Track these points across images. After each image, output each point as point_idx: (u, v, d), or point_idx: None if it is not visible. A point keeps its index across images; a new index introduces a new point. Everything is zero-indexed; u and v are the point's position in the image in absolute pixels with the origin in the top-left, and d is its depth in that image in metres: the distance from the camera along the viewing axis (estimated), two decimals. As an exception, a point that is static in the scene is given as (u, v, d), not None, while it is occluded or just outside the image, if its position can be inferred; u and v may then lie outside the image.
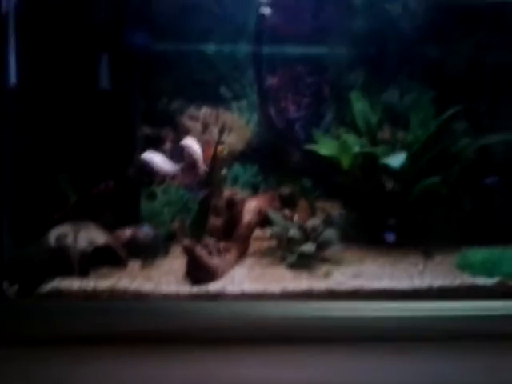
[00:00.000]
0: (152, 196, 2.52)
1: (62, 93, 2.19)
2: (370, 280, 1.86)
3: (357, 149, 2.19)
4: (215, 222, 2.23)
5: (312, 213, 2.47)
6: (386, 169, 2.21)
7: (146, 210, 2.45)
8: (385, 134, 2.49)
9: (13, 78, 1.87)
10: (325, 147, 2.34)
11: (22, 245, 1.92)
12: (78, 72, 2.21)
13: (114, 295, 1.74)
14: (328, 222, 2.27)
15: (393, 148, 2.32)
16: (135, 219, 2.35)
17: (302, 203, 2.48)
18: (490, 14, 2.41)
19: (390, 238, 2.18)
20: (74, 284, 1.77)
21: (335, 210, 2.52)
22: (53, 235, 1.92)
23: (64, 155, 2.21)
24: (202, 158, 2.14)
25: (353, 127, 2.43)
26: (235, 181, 2.59)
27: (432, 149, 2.30)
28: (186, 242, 1.86)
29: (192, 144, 2.19)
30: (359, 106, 2.44)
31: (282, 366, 1.59)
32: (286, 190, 2.51)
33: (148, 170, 2.13)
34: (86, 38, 2.21)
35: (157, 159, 2.09)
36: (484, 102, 2.51)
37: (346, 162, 2.27)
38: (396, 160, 2.08)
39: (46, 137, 2.16)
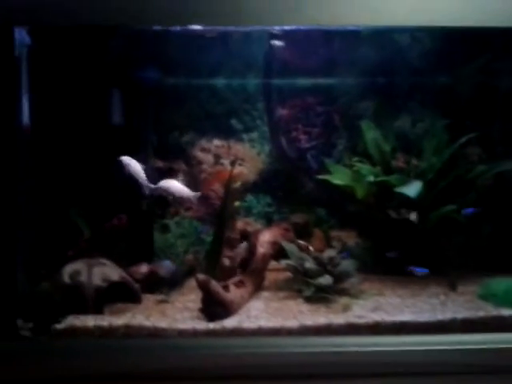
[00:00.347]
0: (165, 228, 2.51)
1: (75, 129, 2.20)
2: (391, 313, 1.81)
3: (371, 178, 2.17)
4: (229, 254, 2.20)
5: (327, 243, 2.44)
6: (401, 197, 2.19)
7: (159, 242, 2.44)
8: (398, 161, 2.47)
9: (26, 119, 1.89)
10: (338, 177, 2.32)
11: (36, 282, 1.90)
12: (90, 108, 2.23)
13: (129, 332, 1.71)
14: (345, 253, 2.23)
15: (407, 176, 2.30)
16: (149, 253, 2.33)
17: (317, 233, 2.45)
18: (500, 40, 2.41)
19: (418, 271, 2.11)
20: (89, 321, 1.74)
21: (350, 239, 2.49)
22: (66, 272, 1.90)
23: (77, 191, 2.21)
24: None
25: (365, 156, 2.42)
26: (248, 212, 2.57)
27: (447, 176, 2.27)
28: (201, 276, 1.83)
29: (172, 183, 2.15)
30: (371, 134, 2.43)
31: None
32: (299, 219, 2.49)
33: (168, 196, 2.11)
34: (98, 74, 2.24)
35: (177, 185, 2.07)
36: (497, 127, 2.49)
37: (360, 191, 2.25)
38: (412, 189, 2.06)
39: (59, 174, 2.17)
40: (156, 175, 2.49)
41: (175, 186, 2.07)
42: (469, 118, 2.47)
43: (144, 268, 2.11)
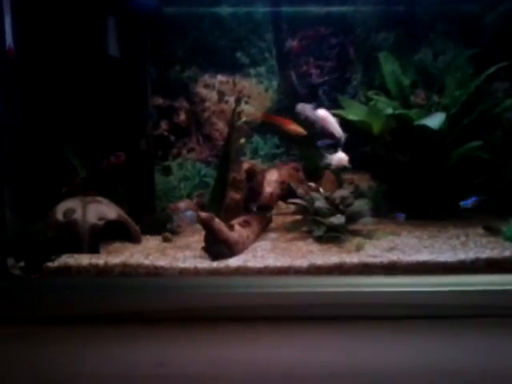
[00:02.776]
0: (167, 171, 2.38)
1: (67, 59, 2.03)
2: (408, 253, 1.67)
3: (389, 111, 1.99)
4: (234, 196, 2.06)
5: (338, 185, 2.29)
6: (422, 133, 2.01)
7: (161, 185, 2.31)
8: (418, 97, 2.28)
9: (10, 42, 1.71)
10: (353, 112, 2.14)
11: (29, 221, 1.78)
12: (84, 37, 2.06)
13: (126, 271, 1.59)
14: (357, 193, 2.08)
15: (428, 111, 2.11)
16: (150, 193, 2.20)
17: (328, 175, 2.29)
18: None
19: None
20: (84, 260, 1.63)
21: (364, 182, 2.33)
22: (60, 210, 1.78)
23: (71, 126, 2.06)
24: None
25: (383, 91, 2.23)
26: (255, 153, 2.42)
27: (471, 111, 2.09)
28: (203, 214, 1.69)
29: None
30: (389, 67, 2.24)
31: (313, 345, 1.42)
32: (309, 161, 2.33)
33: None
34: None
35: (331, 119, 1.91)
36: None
37: (377, 126, 2.07)
38: (434, 120, 1.88)
39: (50, 107, 2.01)
40: (155, 112, 2.34)
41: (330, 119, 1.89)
42: (496, 47, 2.25)
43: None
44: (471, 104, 2.10)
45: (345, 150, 2.27)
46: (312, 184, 2.08)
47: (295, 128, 2.01)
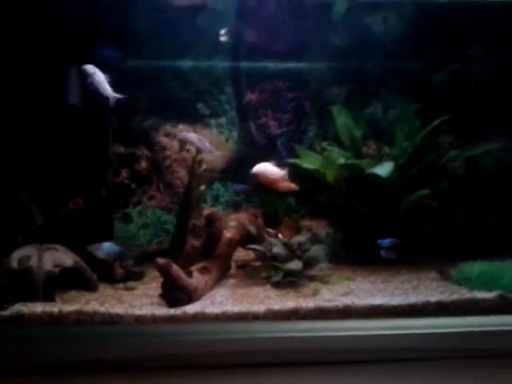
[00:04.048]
0: (127, 218, 2.38)
1: (28, 107, 2.06)
2: (362, 297, 1.72)
3: (342, 160, 2.09)
4: (194, 242, 2.08)
5: (297, 232, 2.34)
6: (373, 182, 2.11)
7: (121, 232, 2.30)
8: (370, 148, 2.42)
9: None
10: (308, 161, 2.24)
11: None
12: (45, 85, 2.09)
13: (81, 319, 1.56)
14: (314, 240, 2.14)
15: (379, 161, 2.23)
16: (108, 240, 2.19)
17: (286, 222, 2.35)
18: (473, 24, 2.38)
19: (387, 254, 2.00)
20: (38, 308, 1.59)
21: (321, 228, 2.40)
22: (15, 257, 1.75)
23: (29, 172, 2.06)
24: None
25: (336, 142, 2.34)
26: (216, 200, 2.46)
27: (419, 161, 2.21)
28: (161, 260, 1.70)
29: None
30: (342, 120, 2.37)
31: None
32: (268, 208, 2.40)
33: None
34: (54, 49, 2.11)
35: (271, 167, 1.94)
36: (469, 114, 2.45)
37: (330, 175, 2.17)
38: (383, 169, 1.99)
39: (8, 154, 2.02)
40: (115, 161, 2.37)
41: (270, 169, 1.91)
42: (442, 104, 2.42)
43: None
44: (419, 154, 2.23)
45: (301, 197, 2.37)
46: (270, 230, 2.13)
47: (287, 185, 2.04)
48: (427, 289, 1.81)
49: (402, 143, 2.26)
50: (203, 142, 2.01)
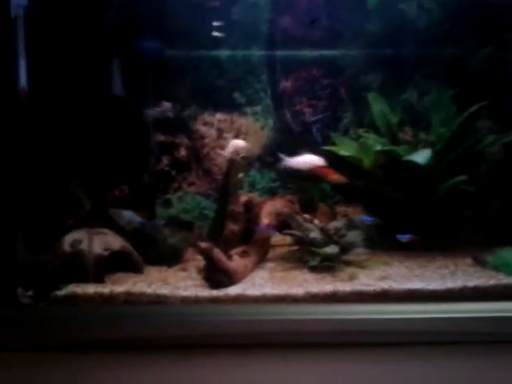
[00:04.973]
0: (168, 204, 2.47)
1: (75, 99, 2.16)
2: (399, 281, 1.76)
3: (378, 147, 2.11)
4: (233, 227, 2.15)
5: (332, 218, 2.38)
6: (410, 168, 2.13)
7: (162, 217, 2.39)
8: (406, 134, 2.42)
9: (23, 83, 1.83)
10: (344, 148, 2.27)
11: (37, 251, 1.86)
12: (90, 78, 2.19)
13: (130, 299, 1.66)
14: (351, 226, 2.18)
15: (415, 148, 2.24)
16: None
17: (322, 208, 2.40)
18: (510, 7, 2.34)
19: (404, 238, 2.03)
20: (90, 289, 1.70)
21: (357, 214, 2.43)
22: (67, 241, 1.86)
23: (77, 162, 2.17)
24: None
25: (372, 129, 2.36)
26: (252, 187, 2.53)
27: (456, 147, 2.21)
28: (203, 244, 1.78)
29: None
30: (378, 106, 2.38)
31: (305, 371, 1.48)
32: (304, 195, 2.44)
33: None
34: (98, 43, 2.20)
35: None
36: (508, 99, 2.42)
37: (367, 161, 2.19)
38: (421, 156, 2.00)
39: (58, 143, 2.12)
40: (157, 149, 2.46)
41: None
42: (480, 90, 2.40)
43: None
44: (456, 140, 2.23)
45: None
46: (307, 216, 2.18)
47: (338, 177, 2.11)
48: (464, 274, 1.83)
49: (439, 129, 2.26)
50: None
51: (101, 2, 2.19)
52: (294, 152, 2.51)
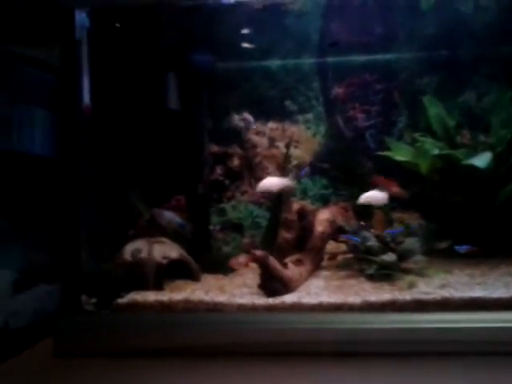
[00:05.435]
0: (222, 212, 2.51)
1: (133, 113, 2.25)
2: (460, 290, 1.70)
3: (436, 151, 2.06)
4: (286, 235, 2.16)
5: (389, 224, 2.34)
6: (469, 172, 2.06)
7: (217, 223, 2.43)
8: (464, 137, 2.34)
9: (87, 100, 1.93)
10: (400, 153, 2.22)
11: (99, 261, 1.94)
12: (148, 93, 2.27)
13: (188, 307, 1.70)
14: (408, 232, 2.13)
15: (474, 151, 2.16)
16: (207, 235, 2.33)
17: (378, 214, 2.35)
18: None
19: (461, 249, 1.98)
20: (150, 296, 1.75)
21: (413, 220, 2.37)
22: (128, 250, 1.93)
23: (136, 174, 2.25)
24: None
25: (428, 132, 2.30)
26: (304, 194, 2.53)
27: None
28: (258, 252, 1.80)
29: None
30: (434, 110, 2.32)
31: (366, 379, 1.46)
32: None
33: None
34: (154, 60, 2.28)
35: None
36: None
37: (424, 166, 2.14)
38: (481, 160, 1.93)
39: (119, 155, 2.22)
40: (211, 159, 2.51)
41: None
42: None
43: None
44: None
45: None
46: (362, 223, 2.15)
47: (398, 191, 2.14)
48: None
49: (499, 131, 2.17)
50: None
51: (155, 20, 2.27)
52: (346, 158, 2.53)
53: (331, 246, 2.15)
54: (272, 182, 1.99)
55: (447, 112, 2.32)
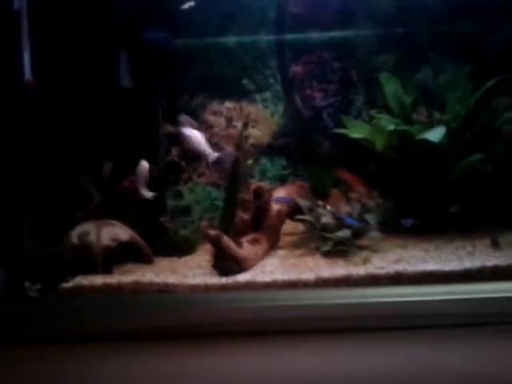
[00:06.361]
0: (179, 195, 2.44)
1: (81, 91, 2.15)
2: (414, 264, 1.70)
3: (391, 127, 2.05)
4: (243, 216, 2.11)
5: (346, 203, 2.32)
6: (424, 148, 2.06)
7: (173, 209, 2.37)
8: (420, 115, 2.34)
9: (28, 75, 1.83)
10: (356, 130, 2.20)
11: (44, 245, 1.85)
12: (98, 69, 2.17)
13: (138, 289, 1.64)
14: (364, 210, 2.11)
15: (430, 128, 2.16)
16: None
17: (335, 193, 2.34)
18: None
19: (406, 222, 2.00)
20: (97, 280, 1.68)
21: (371, 199, 2.36)
22: (75, 233, 1.86)
23: (85, 154, 2.16)
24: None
25: (386, 110, 2.28)
26: (263, 175, 2.48)
27: (472, 125, 2.13)
28: (212, 231, 1.75)
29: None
30: (391, 88, 2.30)
31: (315, 357, 1.43)
32: (316, 181, 2.38)
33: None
34: (104, 34, 2.18)
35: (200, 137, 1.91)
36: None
37: (379, 143, 2.12)
38: (435, 134, 1.93)
39: (66, 136, 2.12)
40: (166, 141, 2.43)
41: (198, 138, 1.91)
42: (496, 66, 2.30)
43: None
44: (472, 118, 2.14)
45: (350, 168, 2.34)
46: (319, 202, 2.12)
47: (363, 189, 2.14)
48: (483, 254, 1.76)
49: (455, 107, 2.17)
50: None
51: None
52: (304, 138, 2.50)
53: (288, 225, 2.11)
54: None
55: (404, 90, 2.30)
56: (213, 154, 1.89)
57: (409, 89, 2.32)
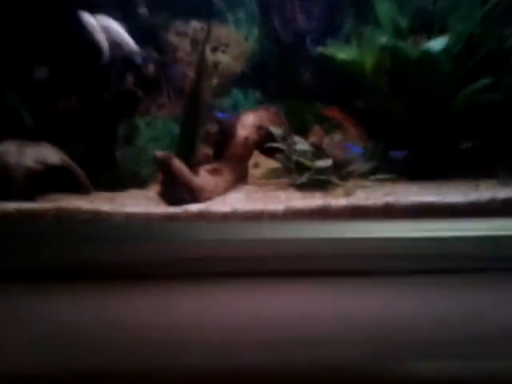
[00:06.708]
0: (135, 129, 2.10)
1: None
2: (408, 196, 1.38)
3: (383, 40, 1.72)
4: (208, 151, 1.79)
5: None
6: (421, 76, 1.74)
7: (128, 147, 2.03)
8: (417, 43, 2.02)
9: None
10: (343, 51, 1.87)
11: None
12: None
13: (61, 216, 1.30)
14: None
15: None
16: (111, 152, 1.92)
17: (317, 130, 2.01)
18: None
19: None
20: (10, 206, 1.34)
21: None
22: (-7, 154, 1.50)
23: (18, 71, 1.80)
24: None
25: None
26: (235, 108, 2.14)
27: (476, 52, 1.82)
28: (160, 153, 1.41)
29: None
30: (385, 7, 1.97)
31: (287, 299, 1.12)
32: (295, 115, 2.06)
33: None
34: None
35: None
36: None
37: (369, 62, 1.80)
38: (437, 43, 1.61)
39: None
40: (120, 64, 2.07)
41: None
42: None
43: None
44: (477, 44, 1.84)
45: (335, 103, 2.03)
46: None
47: (355, 131, 1.86)
48: (490, 189, 1.45)
49: (457, 26, 1.85)
50: None
51: None
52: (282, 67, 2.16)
53: (258, 159, 1.78)
54: None
55: (400, 10, 1.98)
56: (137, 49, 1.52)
57: (405, 12, 1.99)
